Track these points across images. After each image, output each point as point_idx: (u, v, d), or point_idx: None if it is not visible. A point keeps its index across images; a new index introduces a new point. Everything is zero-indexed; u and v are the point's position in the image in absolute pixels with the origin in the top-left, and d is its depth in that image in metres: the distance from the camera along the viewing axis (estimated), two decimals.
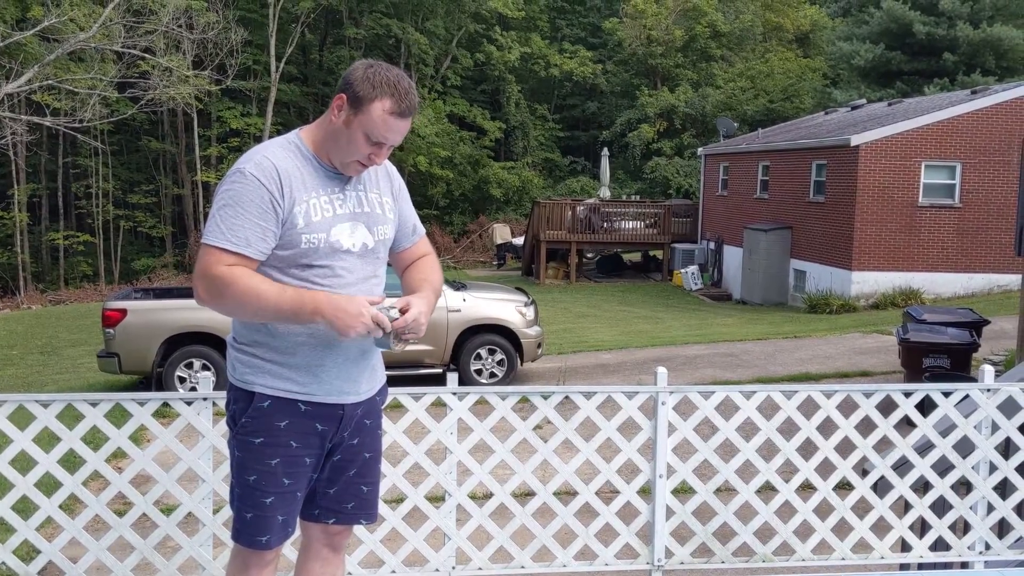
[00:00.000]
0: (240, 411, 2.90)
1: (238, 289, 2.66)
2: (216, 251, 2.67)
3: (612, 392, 4.30)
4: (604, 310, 21.51)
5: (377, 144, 2.71)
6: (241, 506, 2.91)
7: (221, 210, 2.68)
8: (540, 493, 4.27)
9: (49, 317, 24.42)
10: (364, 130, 2.67)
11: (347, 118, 2.67)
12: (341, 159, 2.75)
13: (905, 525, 4.52)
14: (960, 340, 11.69)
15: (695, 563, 4.39)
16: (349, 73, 2.70)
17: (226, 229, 2.65)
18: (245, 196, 2.66)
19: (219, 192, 2.71)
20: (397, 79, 2.66)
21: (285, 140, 2.80)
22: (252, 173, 2.67)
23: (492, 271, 30.61)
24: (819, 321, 18.96)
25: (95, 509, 4.00)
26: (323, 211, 2.76)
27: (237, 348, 2.92)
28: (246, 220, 2.66)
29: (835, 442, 4.41)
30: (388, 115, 2.65)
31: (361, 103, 2.64)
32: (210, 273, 2.66)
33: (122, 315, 11.60)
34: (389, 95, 2.64)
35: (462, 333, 12.14)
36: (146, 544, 4.03)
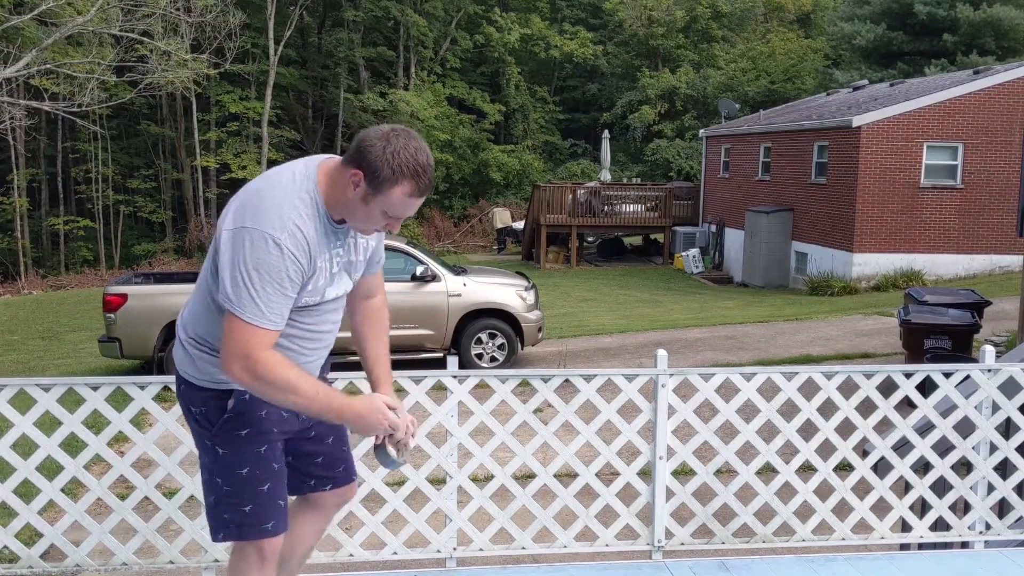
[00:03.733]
0: (215, 410, 2.87)
1: (279, 379, 2.65)
2: (256, 330, 2.61)
3: (612, 375, 4.30)
4: (605, 294, 21.50)
5: (394, 219, 2.73)
6: (237, 503, 2.88)
7: (255, 282, 2.59)
8: (541, 475, 4.28)
9: (50, 302, 24.43)
10: (383, 208, 2.67)
11: (365, 195, 2.65)
12: (357, 227, 2.77)
13: (905, 505, 4.53)
14: (961, 321, 11.69)
15: (695, 543, 4.40)
16: (366, 147, 2.63)
17: (264, 307, 2.60)
18: (281, 271, 2.61)
19: (246, 252, 2.60)
20: (415, 158, 2.63)
21: (309, 198, 2.68)
22: (289, 248, 2.61)
23: (492, 255, 30.59)
24: (820, 303, 18.96)
25: (97, 492, 4.01)
26: (328, 271, 2.80)
27: (198, 347, 2.85)
28: (281, 296, 2.63)
29: (835, 423, 4.41)
30: (408, 197, 2.66)
31: (381, 186, 2.63)
32: (253, 356, 2.62)
33: (123, 300, 11.61)
34: (409, 178, 2.63)
35: (463, 317, 12.15)
36: (148, 527, 4.05)
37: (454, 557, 4.25)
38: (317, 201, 2.68)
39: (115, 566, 4.08)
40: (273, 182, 2.70)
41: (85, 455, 4.00)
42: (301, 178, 2.70)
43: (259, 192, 2.68)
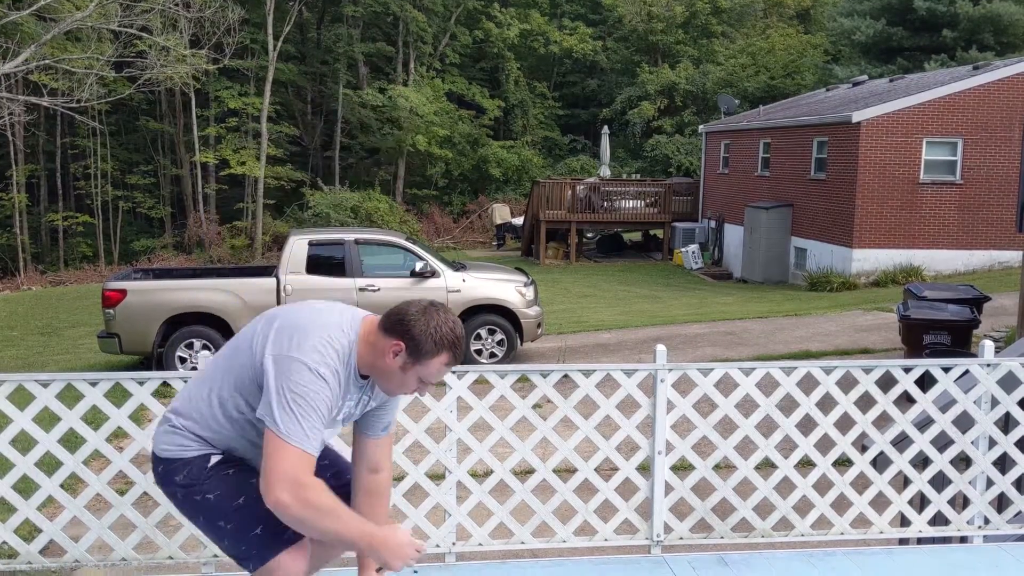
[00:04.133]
0: (198, 467, 2.96)
1: (324, 503, 2.75)
2: (303, 454, 2.73)
3: (611, 370, 4.30)
4: (604, 290, 21.49)
5: (429, 384, 2.92)
6: (247, 531, 2.91)
7: (302, 408, 2.73)
8: (540, 470, 4.28)
9: (49, 298, 24.42)
10: (420, 376, 2.87)
11: (404, 364, 2.84)
12: (387, 389, 2.95)
13: (904, 500, 4.53)
14: (960, 317, 11.69)
15: (694, 538, 4.40)
16: (409, 322, 2.82)
17: (308, 432, 2.74)
18: (321, 401, 2.76)
19: (290, 374, 2.74)
20: (453, 331, 2.85)
21: (348, 346, 2.85)
22: (329, 382, 2.78)
23: (492, 251, 30.58)
24: (820, 299, 18.95)
25: (96, 488, 4.01)
26: (339, 415, 2.94)
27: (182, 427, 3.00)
28: (320, 423, 2.77)
29: (834, 418, 4.41)
30: (445, 366, 2.88)
31: (423, 357, 2.83)
32: (302, 480, 2.72)
33: (122, 295, 11.60)
34: (448, 350, 2.85)
35: (462, 313, 12.13)
36: (147, 523, 4.05)
37: (453, 552, 4.25)
38: (352, 353, 2.86)
39: (114, 561, 4.08)
40: (321, 320, 2.86)
41: (84, 451, 4.00)
42: (347, 327, 2.88)
43: (306, 327, 2.83)
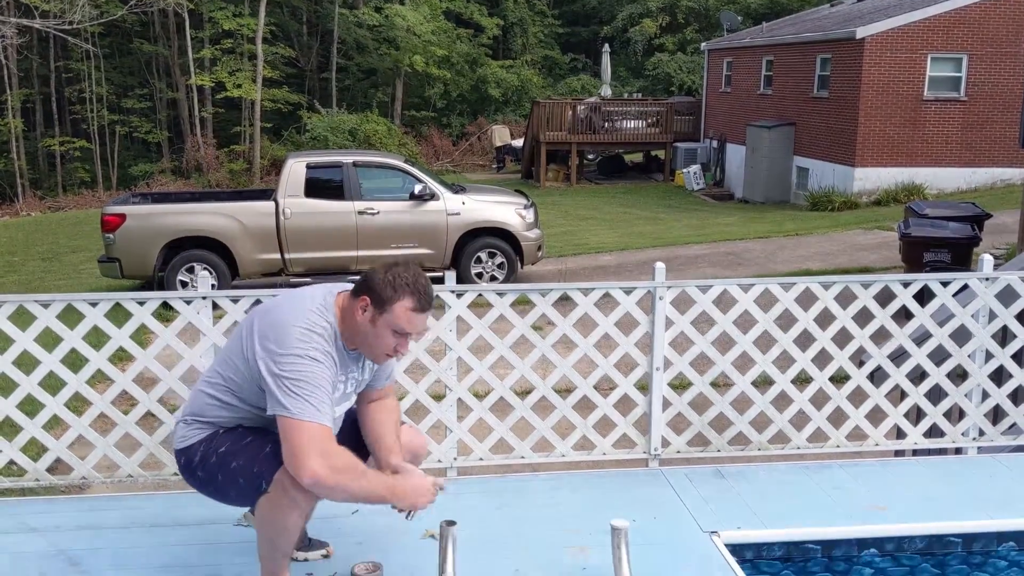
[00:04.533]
0: (209, 439, 3.06)
1: (352, 464, 2.86)
2: (321, 427, 2.81)
3: (610, 288, 4.31)
4: (605, 212, 21.42)
5: (402, 336, 2.98)
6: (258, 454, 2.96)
7: (306, 389, 2.81)
8: (539, 387, 4.32)
9: (49, 224, 24.38)
10: (390, 327, 2.94)
11: (372, 317, 2.93)
12: (370, 353, 3.03)
13: (900, 413, 4.58)
14: (961, 234, 11.67)
15: (691, 452, 4.47)
16: (370, 276, 2.96)
17: (319, 407, 2.82)
18: (323, 380, 2.86)
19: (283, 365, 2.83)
20: (415, 278, 2.95)
21: (331, 329, 2.94)
22: (322, 361, 2.87)
23: (492, 174, 30.39)
24: (821, 219, 18.90)
25: (100, 407, 4.06)
26: (337, 391, 3.01)
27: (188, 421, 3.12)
28: (329, 398, 2.87)
29: (832, 333, 4.44)
30: (410, 312, 2.93)
31: (384, 303, 2.91)
32: (328, 448, 2.80)
33: (121, 220, 11.58)
34: (410, 294, 2.93)
35: (462, 236, 12.12)
36: (152, 440, 4.11)
37: (455, 466, 4.32)
38: (336, 334, 2.96)
39: (121, 478, 4.14)
40: (296, 311, 2.94)
41: (86, 371, 4.03)
42: (324, 309, 2.97)
43: (284, 322, 2.90)
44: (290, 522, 2.90)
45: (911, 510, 3.97)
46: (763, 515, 3.90)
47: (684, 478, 4.27)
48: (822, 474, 4.34)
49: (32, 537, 3.68)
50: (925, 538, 3.84)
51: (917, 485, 4.23)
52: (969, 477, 4.31)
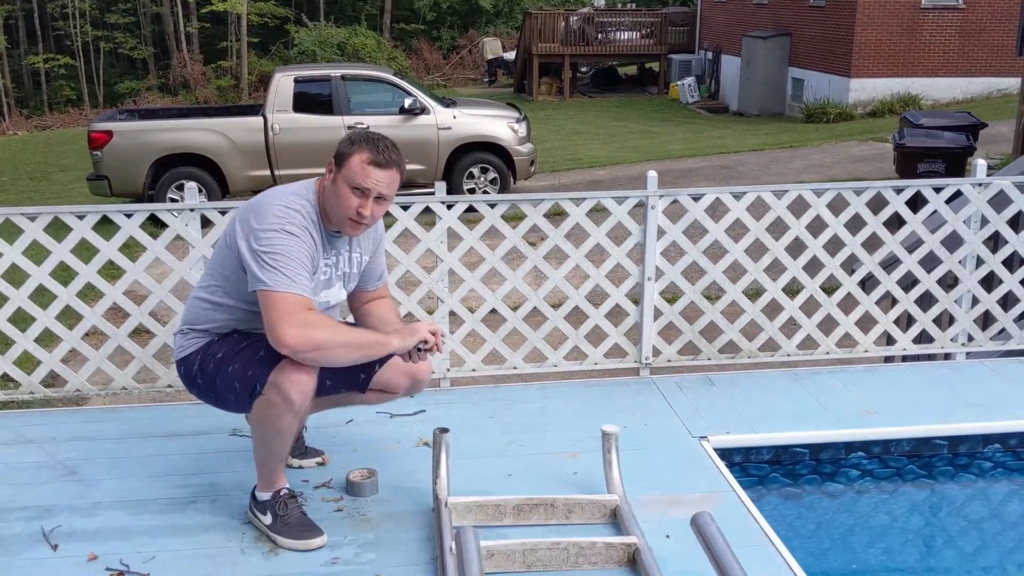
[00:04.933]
0: (206, 346, 3.07)
1: (330, 325, 2.87)
2: (296, 296, 2.80)
3: (602, 197, 4.28)
4: (598, 126, 21.22)
5: (362, 194, 2.91)
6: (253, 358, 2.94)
7: (277, 260, 2.80)
8: (531, 298, 4.32)
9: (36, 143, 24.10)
10: (348, 181, 2.90)
11: (334, 177, 2.93)
12: (337, 218, 2.97)
13: (890, 320, 4.60)
14: (956, 144, 11.62)
15: (682, 360, 4.50)
16: (339, 143, 2.97)
17: (295, 279, 2.81)
18: (298, 253, 2.85)
19: (261, 240, 2.83)
20: (372, 135, 2.95)
21: (311, 207, 2.95)
22: (300, 236, 2.86)
23: (483, 88, 30.01)
24: (816, 131, 18.77)
25: (92, 320, 4.06)
26: (322, 275, 3.03)
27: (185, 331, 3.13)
28: (305, 271, 2.85)
29: (824, 240, 4.43)
30: (366, 164, 2.89)
31: (342, 158, 2.91)
32: (301, 316, 2.78)
33: (108, 137, 11.46)
34: (366, 147, 2.90)
35: (453, 152, 12.01)
36: (145, 353, 4.12)
37: (448, 377, 4.35)
38: (316, 212, 2.95)
39: (115, 390, 4.17)
40: (273, 194, 2.97)
41: (76, 284, 4.02)
42: (303, 191, 2.98)
43: (261, 204, 2.92)
44: (284, 424, 2.92)
45: (899, 414, 4.01)
46: (752, 421, 3.94)
47: (674, 386, 4.30)
48: (811, 381, 4.38)
49: (29, 448, 3.72)
50: (912, 441, 3.90)
51: (905, 390, 4.27)
52: (957, 382, 4.35)
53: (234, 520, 3.19)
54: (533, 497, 3.16)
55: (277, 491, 3.09)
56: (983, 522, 3.76)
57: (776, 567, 2.93)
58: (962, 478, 3.91)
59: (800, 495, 3.83)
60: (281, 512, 3.06)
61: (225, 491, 3.37)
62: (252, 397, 2.94)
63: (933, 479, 3.92)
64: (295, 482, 3.42)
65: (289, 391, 2.84)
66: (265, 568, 2.92)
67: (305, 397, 2.88)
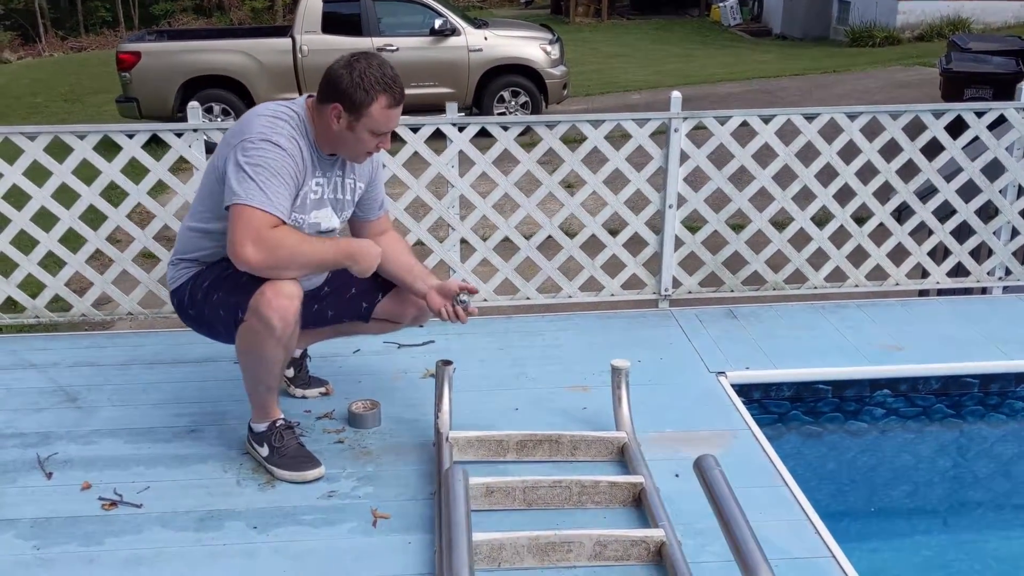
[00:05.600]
0: (196, 276, 2.97)
1: (290, 241, 2.71)
2: (263, 213, 2.66)
3: (622, 119, 4.08)
4: (636, 49, 20.72)
5: (383, 135, 2.83)
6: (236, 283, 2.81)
7: (259, 174, 2.67)
8: (545, 226, 4.16)
9: (71, 64, 24.05)
10: (368, 129, 2.79)
11: (349, 123, 2.77)
12: (350, 155, 2.90)
13: (924, 252, 4.39)
14: (1004, 69, 11.16)
15: (703, 292, 4.33)
16: (335, 80, 2.75)
17: (270, 194, 2.67)
18: (281, 167, 2.71)
19: (246, 152, 2.69)
20: (382, 71, 2.76)
21: (299, 120, 2.81)
22: (284, 147, 2.73)
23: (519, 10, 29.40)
24: (861, 55, 18.17)
25: (95, 244, 3.97)
26: (312, 194, 2.88)
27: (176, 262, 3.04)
28: (283, 187, 2.71)
29: (856, 167, 4.21)
30: (387, 110, 2.78)
31: (360, 108, 2.75)
32: (263, 234, 2.65)
33: (136, 58, 11.32)
34: (383, 92, 2.75)
35: (484, 74, 11.72)
36: (150, 278, 4.03)
37: None
38: (307, 129, 2.81)
39: (121, 315, 4.10)
40: (262, 108, 2.83)
41: (79, 206, 3.93)
42: (293, 105, 2.83)
43: (249, 118, 2.79)
44: (268, 352, 2.80)
45: (928, 350, 3.84)
46: (773, 355, 3.79)
47: (694, 319, 4.15)
48: (838, 314, 4.20)
49: (30, 373, 3.67)
50: (941, 379, 3.73)
51: (937, 325, 4.08)
52: (992, 317, 4.15)
53: (232, 451, 3.12)
54: (537, 433, 3.04)
55: (273, 422, 3.00)
56: (1013, 464, 3.60)
57: (787, 508, 2.81)
58: (993, 418, 3.74)
59: (820, 434, 3.69)
60: (277, 443, 2.98)
61: (227, 420, 3.30)
62: (236, 325, 2.84)
63: (962, 419, 3.75)
64: (297, 412, 3.35)
65: (270, 316, 2.72)
66: (260, 500, 2.85)
67: (287, 322, 2.76)
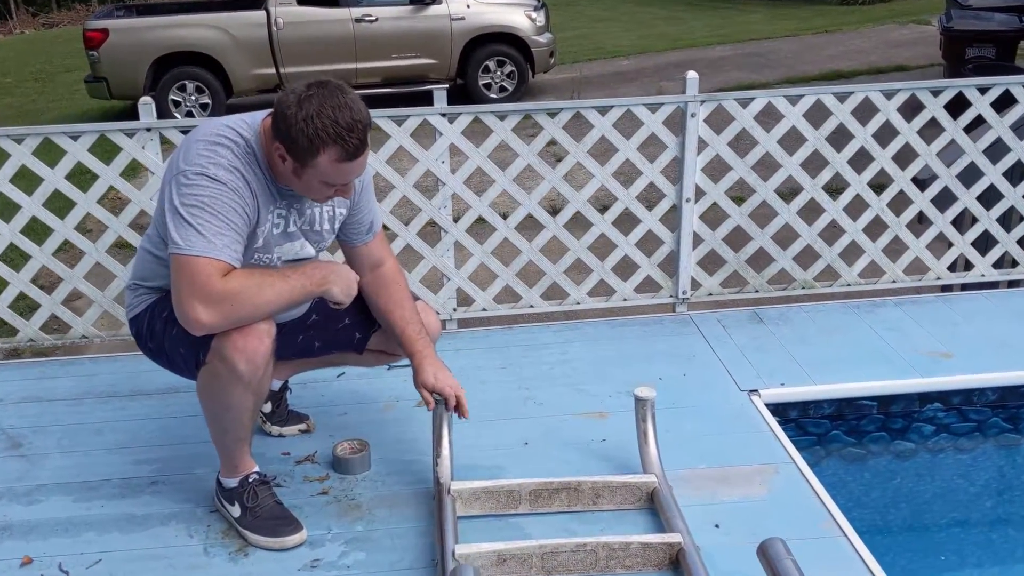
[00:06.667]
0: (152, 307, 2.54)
1: (244, 286, 2.24)
2: (208, 261, 2.20)
3: (632, 105, 3.63)
4: (622, 12, 20.17)
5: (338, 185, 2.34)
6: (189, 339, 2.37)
7: (197, 217, 2.21)
8: (549, 226, 3.72)
9: (43, 42, 23.34)
10: (319, 179, 2.30)
11: (295, 169, 2.28)
12: (313, 199, 2.42)
13: (967, 242, 3.98)
14: (1008, 26, 10.78)
15: (725, 293, 3.91)
16: (280, 117, 2.23)
17: (212, 237, 2.21)
18: (221, 203, 2.24)
19: (180, 190, 2.23)
20: (335, 118, 2.20)
21: (246, 146, 2.31)
22: (226, 182, 2.25)
23: None
24: (851, 14, 17.73)
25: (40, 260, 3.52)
26: (275, 228, 2.43)
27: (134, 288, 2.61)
28: (228, 228, 2.24)
29: (894, 151, 3.78)
30: (338, 163, 2.26)
31: (305, 158, 2.25)
32: (210, 287, 2.19)
33: (104, 36, 10.77)
34: (332, 144, 2.22)
35: (467, 44, 11.20)
36: (106, 297, 3.58)
37: (454, 319, 3.79)
38: (258, 155, 2.33)
39: (73, 339, 3.66)
40: (207, 126, 2.34)
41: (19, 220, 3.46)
42: (242, 124, 2.34)
43: (191, 138, 2.33)
44: (234, 399, 2.37)
45: (981, 356, 3.43)
46: (809, 367, 3.37)
47: (716, 324, 3.73)
48: (875, 315, 3.79)
49: None
50: (998, 389, 3.32)
51: (987, 325, 3.68)
52: None
53: (200, 507, 2.69)
54: (553, 480, 2.62)
55: (245, 477, 2.57)
56: None
57: (847, 565, 2.40)
58: None
59: (865, 457, 3.29)
60: (251, 503, 2.55)
61: (193, 468, 2.86)
62: (198, 367, 2.40)
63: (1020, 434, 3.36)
64: (274, 455, 2.92)
65: (235, 360, 2.28)
66: (230, 573, 2.43)
67: (255, 366, 2.32)
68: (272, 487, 2.62)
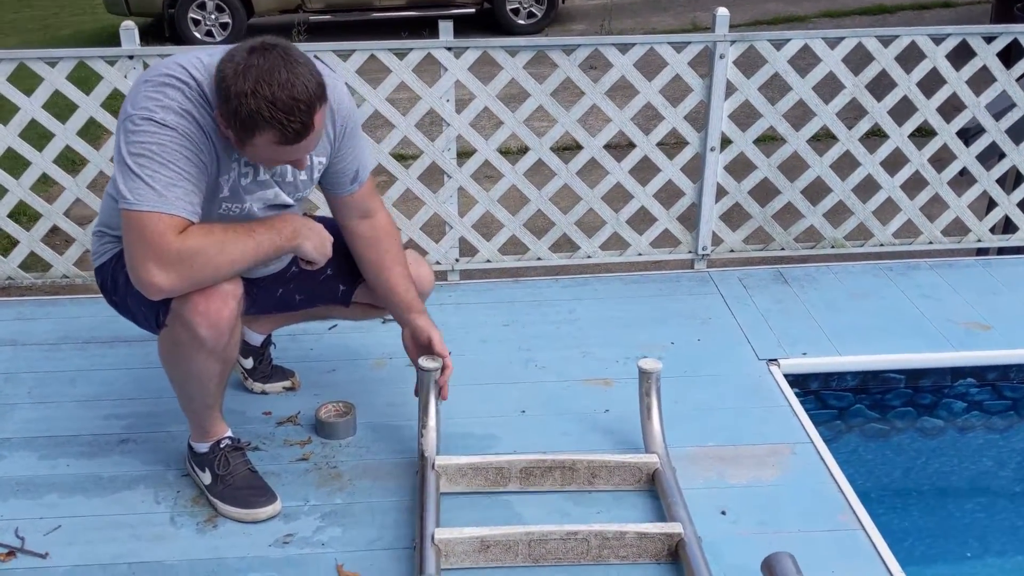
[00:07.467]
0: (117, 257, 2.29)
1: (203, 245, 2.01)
2: (159, 217, 1.95)
3: (655, 43, 3.34)
4: None
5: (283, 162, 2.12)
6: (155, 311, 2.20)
7: (142, 165, 1.95)
8: (560, 174, 3.46)
9: None
10: (259, 159, 2.09)
11: (236, 141, 2.03)
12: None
13: (1013, 202, 3.69)
14: None
15: (748, 250, 3.65)
16: (221, 81, 1.94)
17: (163, 190, 1.96)
18: (175, 151, 1.98)
19: (127, 137, 1.98)
20: (272, 100, 1.90)
21: (198, 88, 2.01)
22: (175, 126, 1.98)
23: None
24: None
25: (18, 194, 3.32)
26: (243, 178, 2.17)
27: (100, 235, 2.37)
28: (181, 178, 1.98)
29: (939, 102, 3.48)
30: (276, 145, 2.00)
31: (242, 137, 1.99)
32: (163, 246, 1.96)
33: None
34: (268, 126, 1.94)
35: None
36: (86, 233, 3.38)
37: (456, 270, 3.56)
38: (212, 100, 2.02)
39: (54, 279, 3.46)
40: (162, 66, 2.05)
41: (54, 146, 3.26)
42: (196, 61, 2.04)
43: (143, 77, 2.05)
44: (196, 366, 2.17)
45: (1022, 329, 3.17)
46: (834, 335, 3.13)
47: (738, 284, 3.48)
48: (908, 278, 3.53)
49: None
50: None
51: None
52: None
53: (170, 470, 2.52)
54: (545, 457, 2.42)
55: (216, 442, 2.39)
56: None
57: (865, 562, 2.20)
58: None
59: (888, 432, 3.06)
60: (222, 470, 2.37)
61: (166, 425, 2.69)
62: (159, 327, 2.20)
63: None
64: (255, 414, 2.74)
65: (196, 325, 2.08)
66: (197, 547, 2.25)
67: (220, 332, 2.11)
68: (246, 453, 2.44)
